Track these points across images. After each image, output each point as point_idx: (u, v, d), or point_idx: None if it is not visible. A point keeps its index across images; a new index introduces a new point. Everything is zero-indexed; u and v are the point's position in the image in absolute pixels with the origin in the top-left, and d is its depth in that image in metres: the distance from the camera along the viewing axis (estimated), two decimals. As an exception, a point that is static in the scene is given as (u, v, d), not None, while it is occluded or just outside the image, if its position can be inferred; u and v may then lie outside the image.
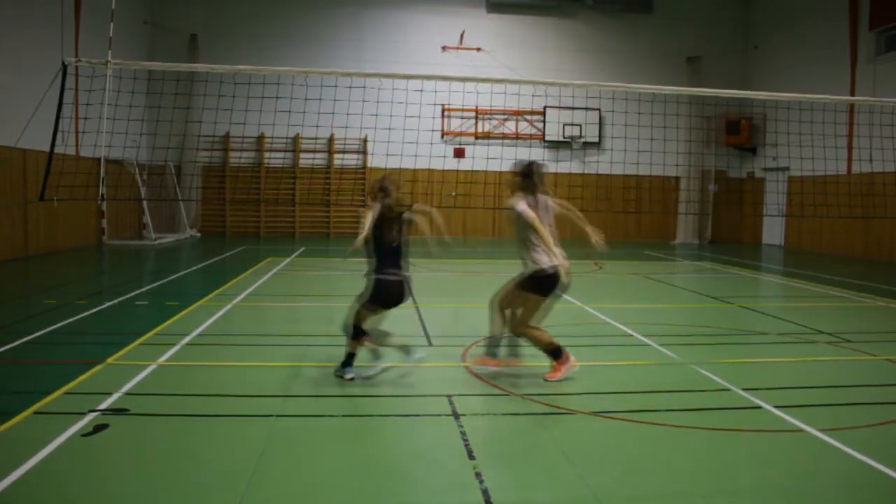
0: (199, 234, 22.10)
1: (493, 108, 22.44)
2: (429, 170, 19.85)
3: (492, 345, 6.29)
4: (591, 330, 8.48)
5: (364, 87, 11.63)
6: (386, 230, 5.86)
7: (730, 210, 24.24)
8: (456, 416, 5.12)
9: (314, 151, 22.69)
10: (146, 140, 17.58)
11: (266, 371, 6.24)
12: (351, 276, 13.68)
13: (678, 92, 13.07)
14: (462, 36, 23.35)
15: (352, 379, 5.91)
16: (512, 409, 5.36)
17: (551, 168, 23.74)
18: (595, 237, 6.16)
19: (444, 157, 20.96)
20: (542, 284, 5.90)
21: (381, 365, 6.15)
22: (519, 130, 23.66)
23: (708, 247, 22.54)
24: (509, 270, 6.44)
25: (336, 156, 22.97)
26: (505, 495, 3.87)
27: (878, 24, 18.87)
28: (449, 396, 5.58)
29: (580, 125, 23.35)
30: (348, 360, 5.98)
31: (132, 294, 10.26)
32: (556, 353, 6.03)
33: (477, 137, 23.29)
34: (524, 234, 5.90)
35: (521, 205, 5.86)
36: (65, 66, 8.24)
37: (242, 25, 22.50)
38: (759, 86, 22.39)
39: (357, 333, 5.94)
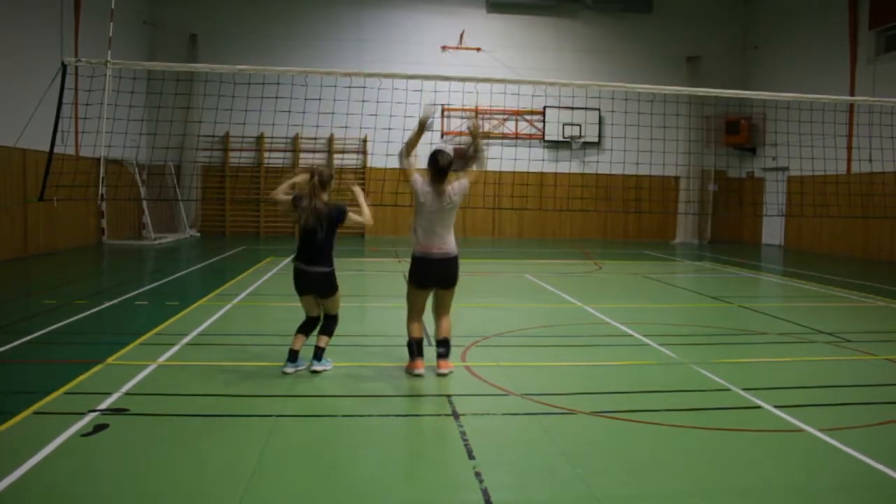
0: (198, 234, 22.10)
1: (492, 108, 22.45)
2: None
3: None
4: (591, 330, 8.48)
5: (364, 87, 11.62)
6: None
7: (730, 210, 24.24)
8: (456, 416, 5.12)
9: (314, 151, 22.68)
10: (146, 140, 17.54)
11: (266, 371, 6.24)
12: (351, 276, 13.69)
13: (678, 92, 13.08)
14: (462, 36, 23.35)
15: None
16: (512, 409, 5.35)
17: (551, 168, 23.65)
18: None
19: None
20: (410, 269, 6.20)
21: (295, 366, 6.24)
22: (519, 130, 23.66)
23: (708, 247, 22.54)
24: (509, 270, 6.44)
25: (336, 156, 22.97)
26: (505, 495, 3.87)
27: (878, 24, 18.87)
28: (449, 396, 5.58)
29: (580, 125, 23.35)
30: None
31: (132, 294, 10.26)
32: (409, 351, 6.23)
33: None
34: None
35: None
36: (64, 66, 8.24)
37: (242, 25, 22.50)
38: (759, 86, 22.39)
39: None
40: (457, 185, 6.13)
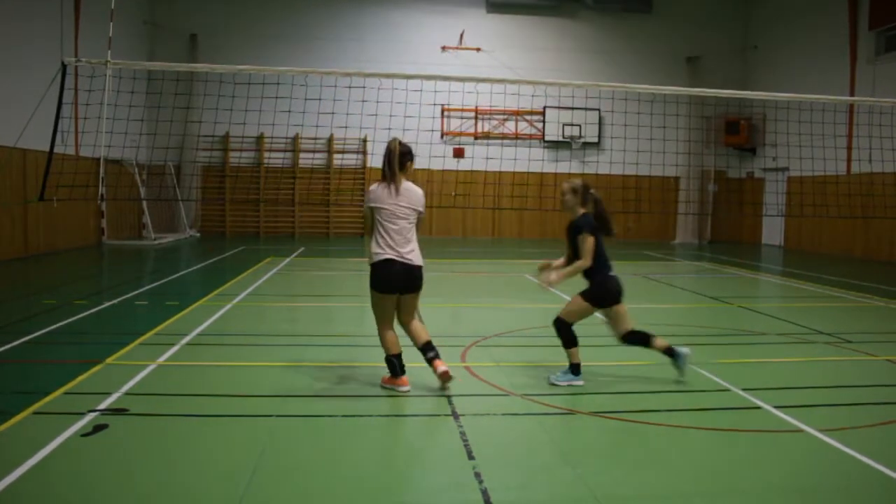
0: (198, 234, 22.11)
1: (492, 108, 22.44)
2: (428, 170, 19.81)
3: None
4: (590, 330, 8.45)
5: (364, 87, 11.62)
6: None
7: (729, 210, 24.24)
8: (456, 416, 5.12)
9: (314, 151, 22.69)
10: (146, 140, 17.57)
11: (265, 371, 6.24)
12: (351, 276, 13.70)
13: (678, 92, 13.08)
14: (462, 36, 23.34)
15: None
16: (512, 409, 5.35)
17: (551, 168, 23.60)
18: None
19: (444, 157, 20.95)
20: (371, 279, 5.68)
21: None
22: (518, 130, 23.67)
23: (707, 247, 22.54)
24: (509, 270, 6.42)
25: (336, 156, 22.98)
26: (504, 495, 3.87)
27: (878, 24, 18.87)
28: (449, 396, 5.57)
29: (580, 125, 23.36)
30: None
31: (132, 294, 10.25)
32: (391, 368, 5.70)
33: (476, 137, 23.29)
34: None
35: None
36: (64, 66, 8.25)
37: (242, 25, 22.50)
38: (759, 86, 22.39)
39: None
40: (416, 190, 5.72)
